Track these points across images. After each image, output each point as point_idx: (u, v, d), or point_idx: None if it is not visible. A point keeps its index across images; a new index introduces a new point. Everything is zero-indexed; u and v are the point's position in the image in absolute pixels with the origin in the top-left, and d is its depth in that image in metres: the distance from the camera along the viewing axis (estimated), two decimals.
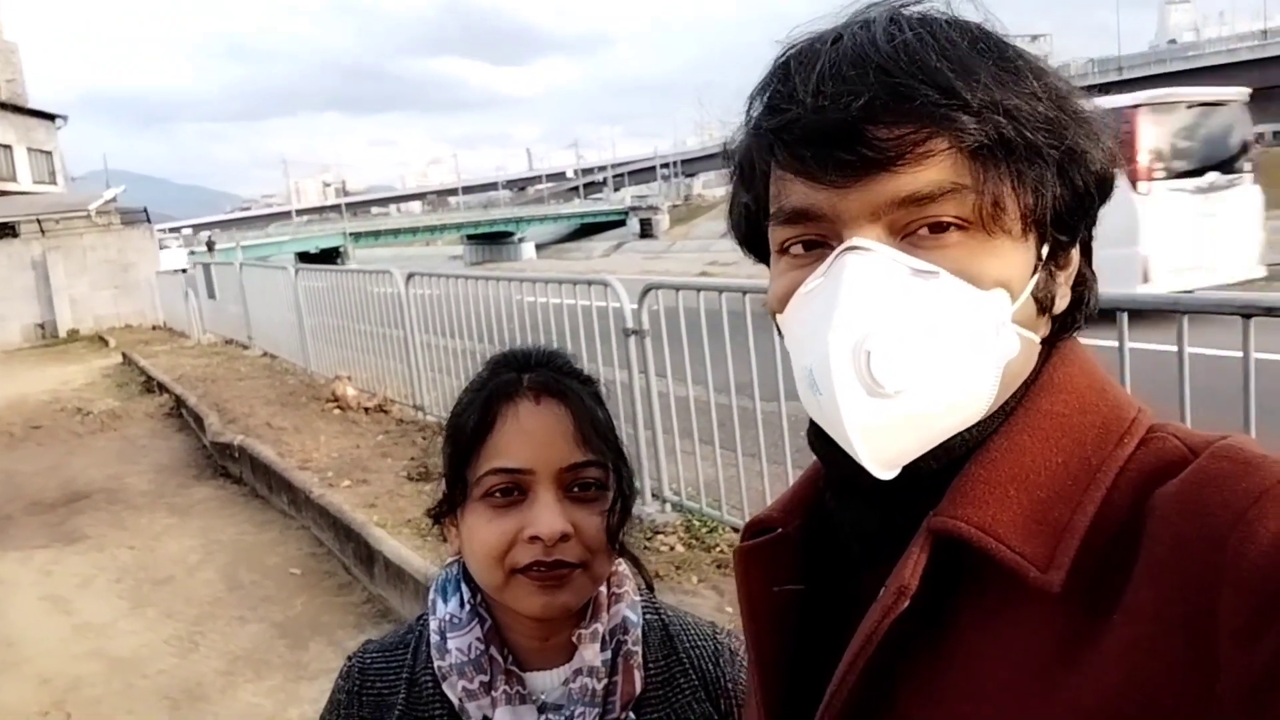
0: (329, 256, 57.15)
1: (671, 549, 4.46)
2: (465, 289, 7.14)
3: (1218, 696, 0.54)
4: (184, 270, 19.14)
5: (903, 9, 0.69)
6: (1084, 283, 0.75)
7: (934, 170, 0.65)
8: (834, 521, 0.78)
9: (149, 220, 26.86)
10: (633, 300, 5.03)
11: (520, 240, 76.10)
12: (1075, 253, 0.74)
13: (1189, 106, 10.99)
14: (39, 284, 23.40)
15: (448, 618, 1.09)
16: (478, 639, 1.07)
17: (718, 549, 4.39)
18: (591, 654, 1.06)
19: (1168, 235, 10.12)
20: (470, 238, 78.28)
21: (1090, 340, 0.78)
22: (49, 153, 36.87)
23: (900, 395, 0.64)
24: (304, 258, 46.26)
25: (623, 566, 1.14)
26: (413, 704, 1.09)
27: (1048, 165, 0.67)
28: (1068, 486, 0.65)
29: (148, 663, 4.54)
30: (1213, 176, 10.71)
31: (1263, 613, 0.53)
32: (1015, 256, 0.68)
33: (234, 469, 7.74)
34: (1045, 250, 0.70)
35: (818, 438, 0.77)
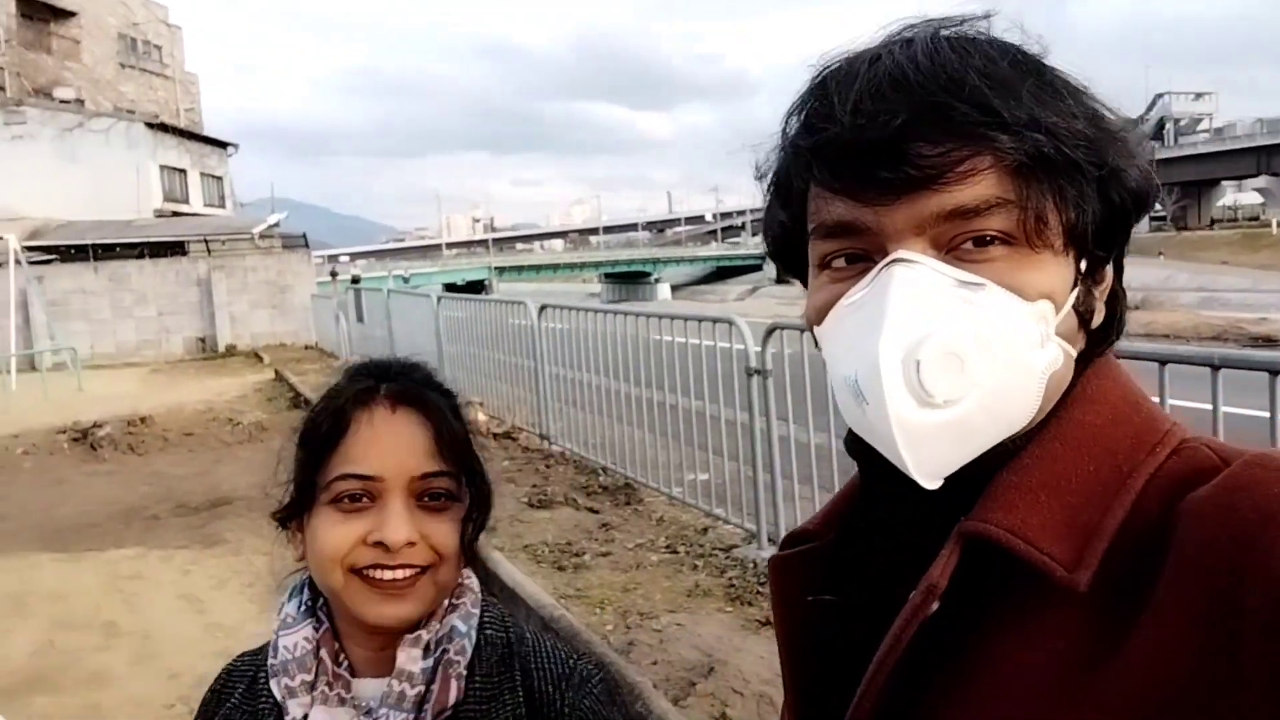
0: (474, 289, 58.99)
1: None
2: (595, 323, 7.26)
3: (1244, 691, 0.54)
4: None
5: (943, 29, 0.69)
6: (1116, 299, 0.75)
7: (979, 185, 0.65)
8: (869, 532, 0.78)
9: (307, 246, 28.31)
10: (757, 341, 5.02)
11: (656, 280, 77.05)
12: (1109, 269, 0.74)
13: None
14: (203, 300, 24.87)
15: (284, 618, 1.11)
16: (305, 638, 1.08)
17: None
18: (407, 658, 1.05)
19: None
20: (608, 276, 79.73)
21: None
22: (219, 178, 39.38)
23: (949, 405, 0.64)
24: (451, 289, 47.96)
25: (470, 581, 1.14)
26: (246, 699, 1.12)
27: (1088, 182, 0.67)
28: (1098, 492, 0.65)
29: None
30: None
31: None
32: (1057, 270, 0.68)
33: None
34: (1084, 265, 0.71)
35: (855, 441, 0.78)
